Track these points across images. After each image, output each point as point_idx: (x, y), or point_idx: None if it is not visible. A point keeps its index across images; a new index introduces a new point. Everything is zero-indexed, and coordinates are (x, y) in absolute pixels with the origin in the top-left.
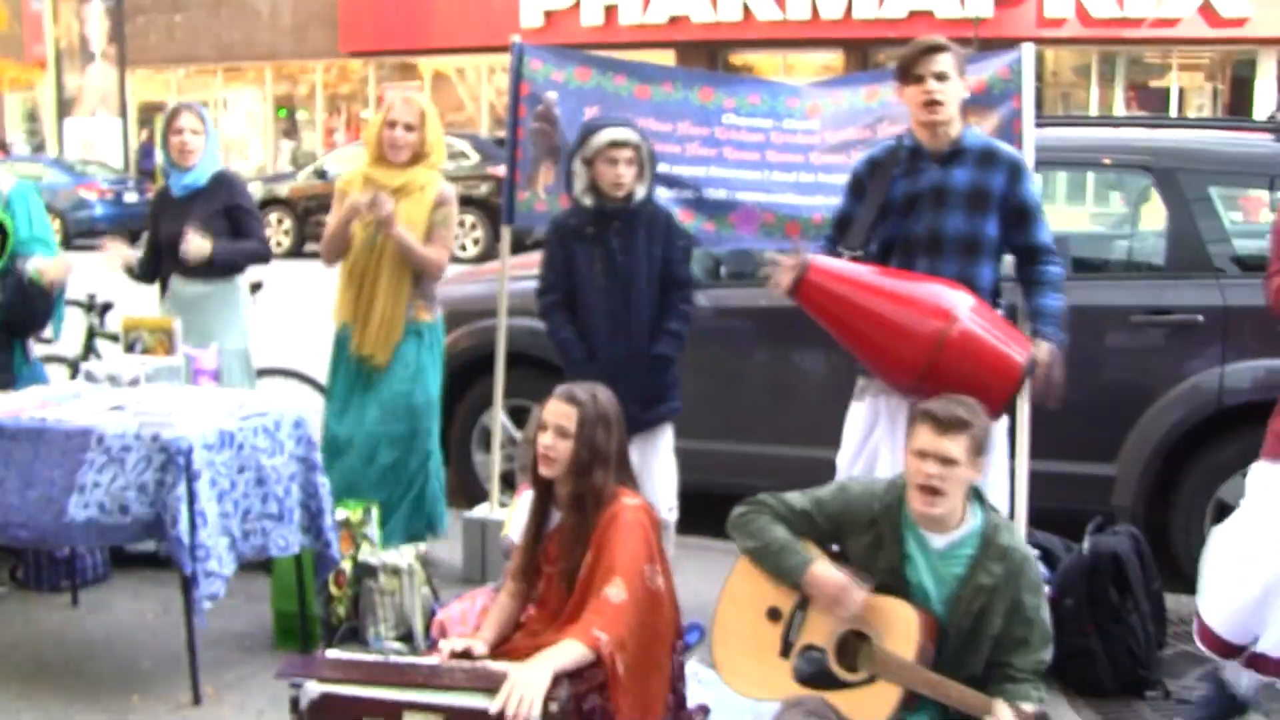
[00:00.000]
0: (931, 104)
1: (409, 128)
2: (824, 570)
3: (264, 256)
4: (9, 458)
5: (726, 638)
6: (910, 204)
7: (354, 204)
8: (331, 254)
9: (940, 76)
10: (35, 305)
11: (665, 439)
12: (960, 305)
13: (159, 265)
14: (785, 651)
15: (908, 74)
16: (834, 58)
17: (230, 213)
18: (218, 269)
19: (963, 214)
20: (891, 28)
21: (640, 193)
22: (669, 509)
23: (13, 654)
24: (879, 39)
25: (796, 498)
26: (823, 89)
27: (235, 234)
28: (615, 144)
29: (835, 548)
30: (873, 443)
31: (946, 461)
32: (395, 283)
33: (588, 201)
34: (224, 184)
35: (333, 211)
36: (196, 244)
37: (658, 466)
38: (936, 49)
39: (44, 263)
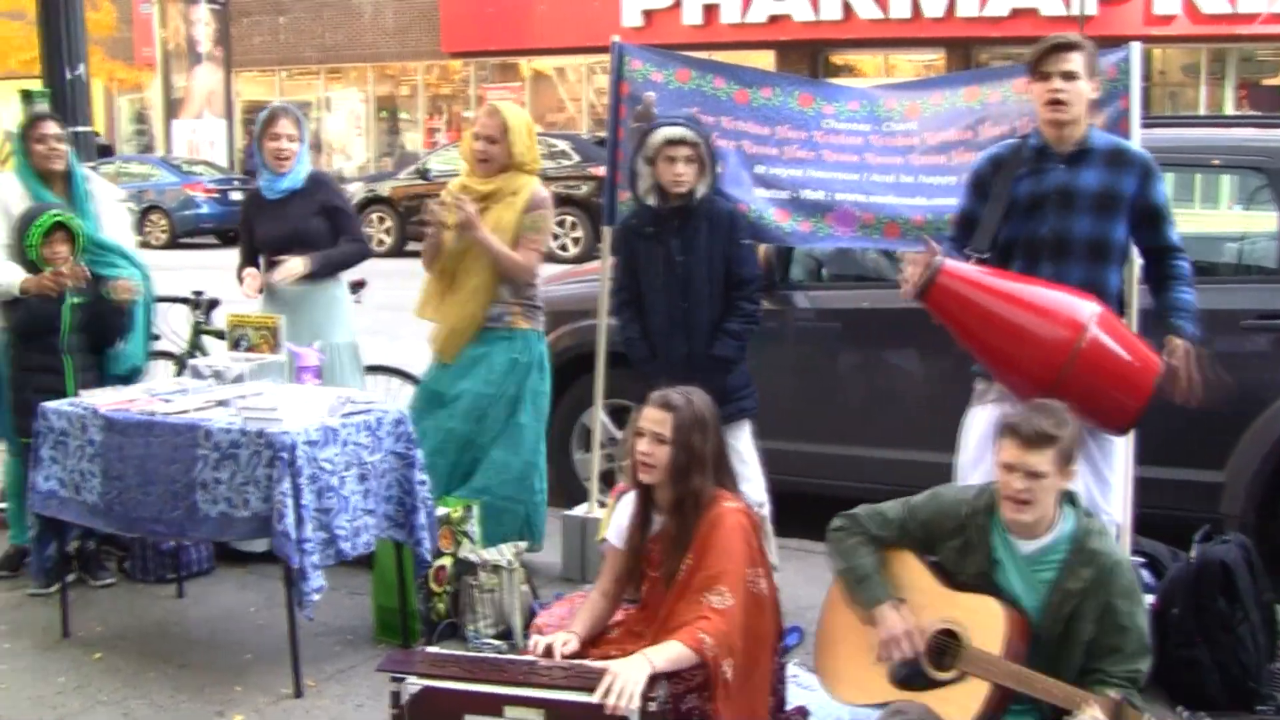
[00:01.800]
0: (1056, 103)
1: (490, 140)
2: (887, 614)
3: (363, 255)
4: (122, 452)
5: (829, 644)
6: (1035, 205)
7: (432, 210)
8: (429, 259)
9: (1068, 75)
10: (109, 320)
11: (739, 438)
12: (1095, 317)
13: (256, 267)
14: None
15: (1035, 70)
16: (936, 57)
17: (328, 213)
18: (341, 270)
19: (1091, 216)
20: (994, 27)
21: (701, 191)
22: (758, 505)
23: (120, 643)
24: (981, 38)
25: (890, 508)
26: (921, 89)
27: (334, 233)
28: (672, 141)
29: (933, 559)
30: (991, 452)
31: (1033, 475)
32: (478, 285)
33: (651, 201)
34: (320, 184)
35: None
36: (287, 269)
37: (736, 466)
38: (1067, 47)
39: (116, 282)
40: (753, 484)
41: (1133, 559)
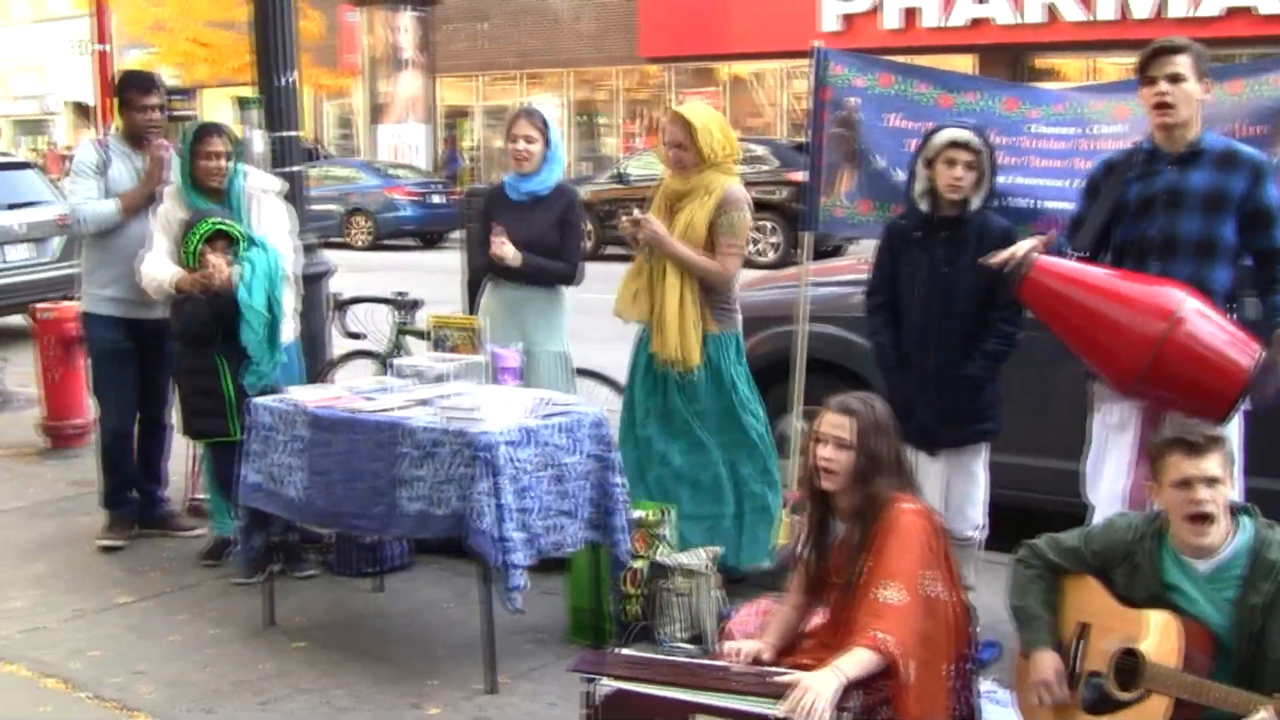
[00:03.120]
0: (1162, 106)
1: (679, 146)
2: (1042, 659)
3: (569, 278)
4: (327, 448)
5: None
6: (1144, 206)
7: (623, 226)
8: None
9: (1174, 78)
10: (228, 315)
11: (975, 459)
12: (1184, 305)
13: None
14: (1074, 682)
15: (1142, 75)
16: None
17: (561, 225)
18: (543, 280)
19: (1198, 216)
20: (1206, 27)
21: (976, 202)
22: (975, 528)
23: (320, 635)
24: (1194, 39)
25: (1068, 537)
26: (1130, 91)
27: (562, 245)
28: (955, 144)
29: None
30: (1104, 455)
31: (1212, 482)
32: (683, 294)
33: (923, 205)
34: (563, 196)
35: None
36: (503, 250)
37: (966, 486)
38: (1172, 50)
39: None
40: (977, 506)
41: None
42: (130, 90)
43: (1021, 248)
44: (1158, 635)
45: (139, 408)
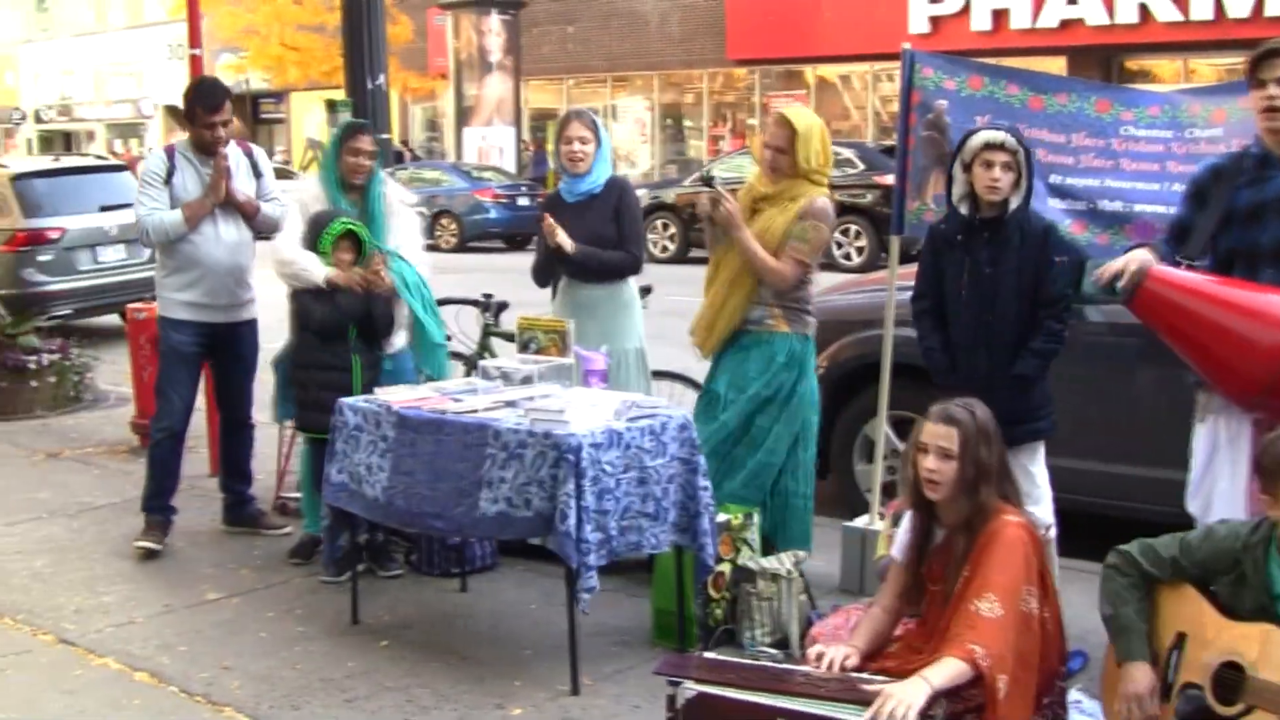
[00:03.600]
0: (1272, 110)
1: (779, 150)
2: (1135, 672)
3: (632, 267)
4: (414, 449)
5: (1116, 678)
6: (1255, 214)
7: (700, 202)
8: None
9: None
10: (376, 312)
11: (1032, 459)
12: None
13: (553, 269)
14: (1166, 694)
15: (1252, 77)
16: (1240, 61)
17: (617, 215)
18: (606, 274)
19: None
20: None
21: (1015, 202)
22: (1044, 528)
23: (406, 634)
24: None
25: (1164, 544)
26: (1227, 94)
27: (620, 234)
28: (991, 146)
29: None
30: (1214, 468)
31: None
32: (733, 281)
33: (963, 209)
34: (616, 188)
35: None
36: (558, 237)
37: (1026, 487)
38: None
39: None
40: (1041, 506)
41: None
42: (198, 106)
43: (1133, 260)
44: (1263, 649)
45: (220, 409)
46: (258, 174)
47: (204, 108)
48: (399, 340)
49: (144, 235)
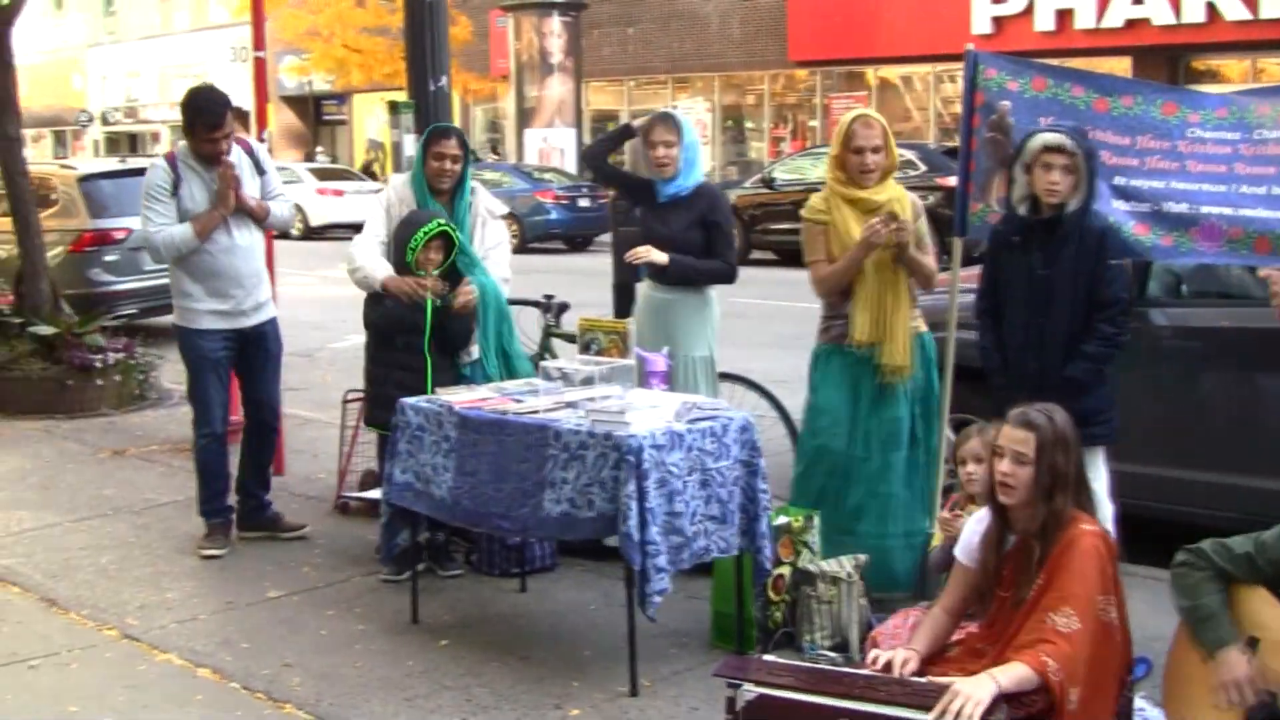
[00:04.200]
0: None
1: (876, 150)
2: (1231, 657)
3: (727, 277)
4: (476, 449)
5: (1178, 684)
6: None
7: (875, 230)
8: (837, 289)
9: None
10: (453, 326)
11: (1092, 465)
12: None
13: (633, 269)
14: None
15: None
16: None
17: (706, 225)
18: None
19: None
20: None
21: (1074, 204)
22: None
23: (465, 633)
24: None
25: (1238, 543)
26: None
27: (707, 248)
28: (1050, 149)
29: None
30: None
31: None
32: (904, 297)
33: (1023, 210)
34: (705, 196)
35: (811, 244)
36: (645, 252)
37: None
38: None
39: (460, 289)
40: (1099, 512)
41: None
42: (198, 124)
43: None
44: None
45: (247, 411)
46: (260, 171)
47: (204, 125)
48: (476, 351)
49: (154, 252)
